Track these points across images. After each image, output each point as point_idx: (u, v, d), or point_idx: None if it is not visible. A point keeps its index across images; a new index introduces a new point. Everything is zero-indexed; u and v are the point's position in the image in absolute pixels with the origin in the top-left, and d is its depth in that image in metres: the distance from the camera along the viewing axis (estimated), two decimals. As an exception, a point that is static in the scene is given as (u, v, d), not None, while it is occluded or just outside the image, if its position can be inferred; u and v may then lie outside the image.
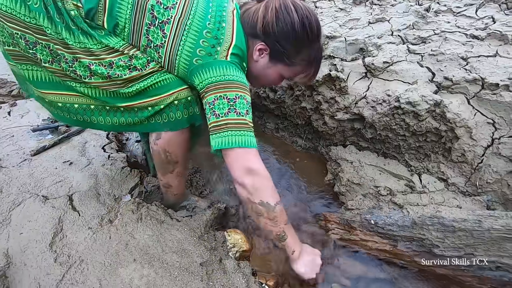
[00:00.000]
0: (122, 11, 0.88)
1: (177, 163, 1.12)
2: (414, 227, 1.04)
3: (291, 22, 0.91)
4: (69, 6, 0.84)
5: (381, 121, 1.31)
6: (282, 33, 0.93)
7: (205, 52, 0.89)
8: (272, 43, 0.95)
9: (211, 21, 0.91)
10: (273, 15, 0.91)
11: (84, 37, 0.87)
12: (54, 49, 0.88)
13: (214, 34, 0.90)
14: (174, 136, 1.02)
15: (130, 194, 1.28)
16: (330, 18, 2.14)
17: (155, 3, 0.88)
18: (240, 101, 0.87)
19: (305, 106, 1.59)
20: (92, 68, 0.89)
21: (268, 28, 0.92)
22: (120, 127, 1.03)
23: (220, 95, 0.86)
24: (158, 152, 1.07)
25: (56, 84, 0.96)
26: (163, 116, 0.97)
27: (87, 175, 1.38)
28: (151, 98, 0.95)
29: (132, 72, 0.91)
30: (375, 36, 1.69)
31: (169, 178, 1.17)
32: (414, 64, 1.41)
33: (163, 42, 0.90)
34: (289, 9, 0.91)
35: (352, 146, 1.48)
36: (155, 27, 0.89)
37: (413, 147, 1.28)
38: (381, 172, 1.32)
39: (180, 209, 1.29)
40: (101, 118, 1.00)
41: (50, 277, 0.93)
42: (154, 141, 1.05)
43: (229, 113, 0.86)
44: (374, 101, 1.35)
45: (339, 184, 1.37)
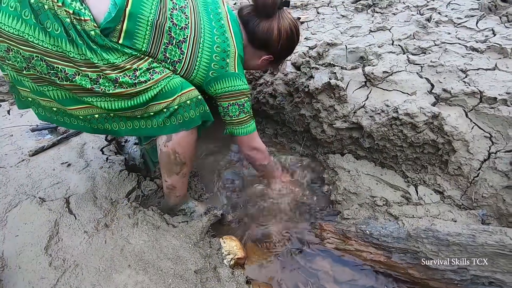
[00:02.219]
0: (140, 32, 0.94)
1: (184, 164, 1.15)
2: (409, 239, 1.04)
3: (294, 40, 1.20)
4: (89, 27, 0.87)
5: (379, 131, 1.32)
6: (287, 49, 1.23)
7: (218, 66, 1.09)
8: (277, 55, 1.23)
9: (217, 34, 1.09)
10: (285, 37, 1.15)
11: (106, 53, 0.91)
12: (72, 72, 0.91)
13: (222, 47, 1.08)
14: (184, 137, 1.08)
15: (127, 198, 1.28)
16: (332, 24, 2.15)
17: (171, 25, 0.99)
18: (247, 104, 1.17)
19: (304, 114, 1.59)
20: (119, 81, 0.94)
21: (281, 46, 1.17)
22: (139, 130, 1.08)
23: (233, 102, 1.14)
24: (167, 154, 1.11)
25: (76, 100, 0.99)
26: (178, 116, 1.04)
27: (84, 177, 1.38)
28: (165, 100, 1.00)
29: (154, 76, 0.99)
30: (376, 44, 1.70)
31: (174, 179, 1.19)
32: (413, 74, 1.42)
33: (181, 58, 1.04)
34: (293, 29, 1.16)
35: (349, 154, 1.49)
36: (173, 45, 1.01)
37: (410, 158, 1.28)
38: (378, 182, 1.33)
39: (178, 213, 1.30)
40: (121, 124, 1.06)
41: (45, 281, 0.93)
42: (164, 144, 1.09)
43: (240, 114, 1.17)
44: (372, 111, 1.36)
45: (336, 192, 1.37)
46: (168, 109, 1.02)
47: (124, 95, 0.97)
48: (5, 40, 0.87)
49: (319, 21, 2.26)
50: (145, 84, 0.97)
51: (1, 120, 1.88)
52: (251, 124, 1.22)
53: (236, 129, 1.20)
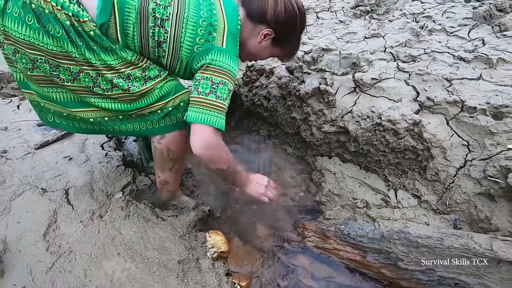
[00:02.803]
0: (129, 22, 0.97)
1: (177, 160, 1.22)
2: (383, 240, 1.09)
3: (294, 15, 1.10)
4: (89, 27, 0.93)
5: (363, 136, 1.37)
6: (287, 23, 1.10)
7: (203, 40, 1.01)
8: (278, 30, 1.12)
9: (203, 10, 1.02)
10: (282, 7, 1.07)
11: (104, 54, 0.97)
12: (76, 70, 0.98)
13: (209, 21, 1.01)
14: (177, 135, 1.15)
15: (122, 192, 1.36)
16: (329, 30, 2.20)
17: (155, 6, 0.97)
18: (223, 87, 0.99)
19: (295, 116, 1.65)
20: (114, 82, 0.99)
21: (278, 17, 1.08)
22: (135, 131, 1.14)
23: (207, 76, 0.99)
24: (161, 151, 1.18)
25: (79, 103, 1.06)
26: (172, 117, 1.10)
27: (84, 171, 1.47)
28: (160, 103, 1.07)
29: (147, 83, 1.03)
30: (368, 51, 1.74)
31: (167, 175, 1.26)
32: (401, 82, 1.46)
33: (166, 37, 1.00)
34: (293, 3, 1.09)
35: (336, 157, 1.54)
36: (158, 27, 0.99)
37: (392, 163, 1.33)
38: (360, 185, 1.38)
39: (169, 207, 1.37)
40: (117, 126, 1.11)
41: (41, 264, 1.02)
42: (158, 140, 1.16)
43: (209, 94, 0.98)
44: (359, 116, 1.41)
45: (321, 193, 1.43)
46: (162, 111, 1.08)
47: (122, 99, 1.03)
48: (13, 43, 0.95)
49: (317, 26, 2.31)
50: (138, 89, 1.02)
51: (11, 114, 1.99)
52: (219, 117, 0.98)
53: (197, 111, 0.97)
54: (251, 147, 1.84)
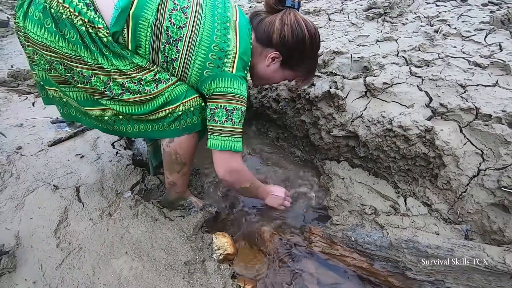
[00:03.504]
0: (142, 34, 1.00)
1: (185, 164, 1.24)
2: (391, 248, 1.07)
3: (302, 37, 1.08)
4: (102, 34, 0.96)
5: (373, 141, 1.35)
6: (295, 45, 1.10)
7: (213, 65, 1.04)
8: (285, 53, 1.12)
9: (217, 34, 1.05)
10: (289, 30, 1.07)
11: (116, 60, 0.99)
12: (88, 74, 1.00)
13: (221, 47, 1.04)
14: (185, 140, 1.16)
15: (131, 191, 1.38)
16: (341, 32, 2.18)
17: (169, 24, 1.01)
18: (237, 112, 1.06)
19: (304, 120, 1.64)
20: (125, 86, 1.01)
21: (284, 40, 1.08)
22: (145, 133, 1.16)
23: (221, 105, 1.05)
24: (169, 154, 1.20)
25: (93, 102, 1.09)
26: (182, 122, 1.11)
27: (95, 169, 1.50)
28: (170, 107, 1.08)
29: (159, 86, 1.04)
30: (381, 55, 1.72)
31: (175, 177, 1.28)
32: (413, 87, 1.44)
33: (177, 56, 1.04)
34: (301, 26, 1.08)
35: (345, 162, 1.52)
36: (170, 44, 1.02)
37: (402, 170, 1.31)
38: (369, 191, 1.36)
39: (177, 207, 1.39)
40: (130, 126, 1.13)
41: (52, 260, 1.04)
42: (167, 144, 1.18)
43: (225, 121, 1.05)
44: (369, 121, 1.39)
45: (328, 198, 1.42)
46: (172, 115, 1.09)
47: (133, 102, 1.05)
48: (32, 44, 0.98)
49: (329, 28, 2.29)
50: (149, 93, 1.03)
51: (26, 111, 2.05)
52: (236, 141, 1.08)
53: (217, 139, 1.06)
54: (259, 151, 1.84)
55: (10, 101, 2.17)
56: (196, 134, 1.18)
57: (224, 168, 1.11)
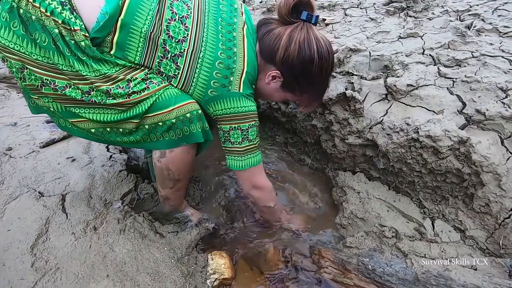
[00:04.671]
0: (132, 45, 0.87)
1: (178, 180, 1.10)
2: (417, 283, 0.90)
3: (310, 60, 0.94)
4: (79, 37, 0.82)
5: (395, 152, 1.17)
6: (299, 68, 0.96)
7: (219, 84, 0.94)
8: (287, 74, 0.99)
9: (222, 49, 0.94)
10: (295, 49, 0.92)
11: (98, 64, 0.86)
12: (62, 84, 0.87)
13: (226, 64, 0.94)
14: (179, 155, 1.01)
15: (121, 201, 1.25)
16: (358, 28, 1.99)
17: (166, 38, 0.89)
18: (252, 130, 1.00)
19: (316, 124, 1.47)
20: (111, 93, 0.88)
21: (287, 60, 0.95)
22: (138, 144, 1.02)
23: (235, 126, 0.98)
24: (160, 169, 1.06)
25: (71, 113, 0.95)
26: (177, 131, 0.95)
27: (85, 174, 1.38)
28: (159, 112, 0.92)
29: (150, 86, 0.91)
30: (404, 53, 1.53)
31: (168, 192, 1.15)
32: (443, 90, 1.25)
33: (177, 73, 0.93)
34: (311, 46, 0.93)
35: (361, 174, 1.35)
36: (168, 59, 0.91)
37: (429, 186, 1.13)
38: (389, 209, 1.18)
39: (171, 221, 1.25)
40: (119, 138, 0.99)
41: (23, 282, 0.92)
42: (158, 159, 1.04)
43: (243, 141, 1.00)
44: (390, 128, 1.21)
45: (342, 215, 1.25)
46: (164, 123, 0.93)
47: (117, 106, 0.91)
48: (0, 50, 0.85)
49: (345, 24, 2.11)
50: (139, 95, 0.90)
51: (23, 109, 1.95)
52: (255, 155, 1.04)
53: (237, 160, 1.03)
54: (265, 157, 1.69)
55: (8, 98, 2.09)
56: (193, 149, 1.03)
57: (249, 185, 1.10)
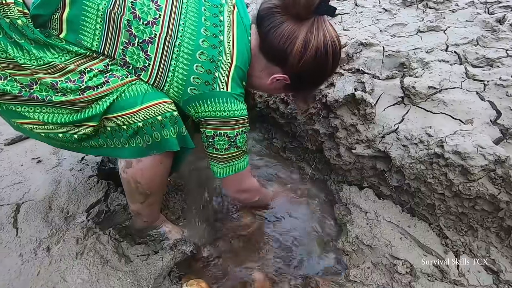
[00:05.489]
0: (87, 28, 0.70)
1: (149, 195, 0.91)
2: None
3: (325, 65, 0.83)
4: (13, 13, 0.64)
5: (413, 168, 0.97)
6: (312, 73, 0.85)
7: (201, 81, 0.79)
8: (296, 78, 0.87)
9: (205, 36, 0.79)
10: (312, 56, 0.79)
11: (40, 51, 0.69)
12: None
13: (210, 55, 0.79)
14: (149, 166, 0.83)
15: (87, 213, 1.07)
16: (370, 20, 1.77)
17: (132, 18, 0.73)
18: (241, 136, 0.88)
19: (318, 130, 1.27)
20: (58, 87, 0.70)
21: (301, 66, 0.81)
22: (100, 151, 0.84)
23: (221, 132, 0.85)
24: (127, 181, 0.87)
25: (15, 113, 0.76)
26: (145, 137, 0.77)
27: (49, 179, 1.20)
28: (121, 113, 0.74)
29: (111, 81, 0.74)
30: (423, 49, 1.32)
31: (138, 207, 0.97)
32: (471, 94, 1.05)
33: (147, 65, 0.76)
34: (328, 50, 0.80)
35: (370, 190, 1.15)
36: (134, 47, 0.74)
37: (453, 212, 0.93)
38: (403, 236, 0.99)
39: (144, 238, 1.07)
40: (75, 143, 0.81)
41: None
42: (123, 169, 0.85)
43: (229, 148, 0.88)
44: (407, 139, 1.01)
45: (345, 239, 1.06)
46: (130, 127, 0.75)
47: (68, 105, 0.73)
48: None
49: (355, 15, 1.89)
50: (95, 91, 0.72)
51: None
52: (242, 161, 0.92)
53: (221, 167, 0.91)
54: (260, 163, 1.49)
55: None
56: (167, 158, 0.84)
57: (234, 190, 1.03)
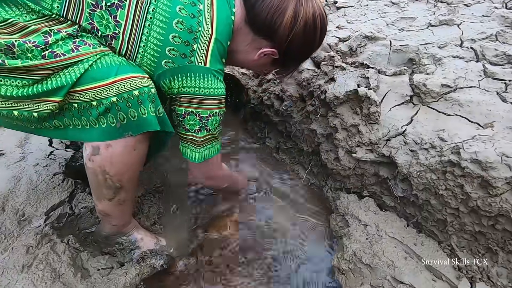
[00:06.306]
0: None
1: (120, 188, 0.79)
2: None
3: (313, 39, 0.84)
4: None
5: (422, 177, 0.84)
6: (301, 46, 0.84)
7: (177, 53, 0.74)
8: (285, 52, 0.84)
9: (182, 3, 0.74)
10: (301, 27, 0.79)
11: None
12: None
13: (188, 25, 0.74)
14: (120, 151, 0.71)
15: (46, 217, 0.93)
16: (377, 13, 1.64)
17: None
18: (214, 118, 0.82)
19: (315, 129, 1.14)
20: (15, 50, 0.61)
21: (291, 39, 0.80)
22: (62, 133, 0.73)
23: (192, 110, 0.79)
24: (93, 172, 0.75)
25: None
26: (119, 115, 0.67)
27: (9, 176, 1.06)
28: (92, 85, 0.65)
29: (81, 48, 0.66)
30: (436, 44, 1.18)
31: (106, 206, 0.83)
32: (491, 95, 0.91)
33: (117, 32, 0.70)
34: (316, 23, 0.80)
35: (371, 200, 1.02)
36: (103, 10, 0.69)
37: (468, 231, 0.80)
38: (408, 255, 0.86)
39: (112, 246, 0.93)
40: (34, 124, 0.70)
41: None
42: (89, 156, 0.73)
43: (199, 131, 0.82)
44: (416, 143, 0.88)
45: (341, 256, 0.92)
46: (100, 102, 0.65)
47: (27, 73, 0.63)
48: None
49: (360, 8, 1.75)
50: (62, 57, 0.64)
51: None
52: (213, 146, 0.87)
53: (192, 150, 0.85)
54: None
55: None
56: (142, 143, 0.73)
57: (203, 176, 0.97)
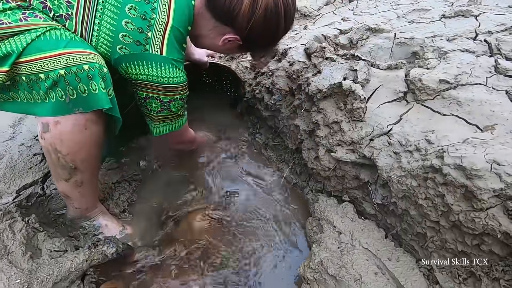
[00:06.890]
0: None
1: (75, 169, 0.77)
2: None
3: (276, 25, 0.81)
4: None
5: (401, 183, 0.73)
6: (263, 33, 0.82)
7: (131, 40, 0.73)
8: (248, 39, 0.83)
9: None
10: (261, 15, 0.77)
11: None
12: None
13: (141, 11, 0.72)
14: (70, 129, 0.69)
15: (16, 195, 0.94)
16: (389, 4, 1.51)
17: None
18: (175, 103, 0.84)
19: (299, 125, 1.05)
20: None
21: (251, 26, 0.78)
22: (10, 107, 0.72)
23: (153, 95, 0.80)
24: (47, 150, 0.74)
25: None
26: (69, 89, 0.65)
27: (-6, 153, 1.09)
28: (38, 55, 0.64)
29: (29, 19, 0.66)
30: (445, 36, 1.04)
31: (64, 187, 0.82)
32: (498, 94, 0.78)
33: (70, 14, 0.70)
34: (279, 9, 0.78)
35: (350, 205, 0.92)
36: None
37: (450, 250, 0.68)
38: (379, 271, 0.75)
39: (77, 230, 0.93)
40: None
41: None
42: (40, 133, 0.72)
43: (162, 111, 0.84)
44: (401, 145, 0.77)
45: (307, 263, 0.84)
46: (48, 76, 0.64)
47: None
48: None
49: (371, 0, 1.62)
50: (6, 25, 0.63)
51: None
52: (178, 121, 0.92)
53: (156, 126, 0.89)
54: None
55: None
56: (95, 123, 0.72)
57: (171, 144, 1.07)
